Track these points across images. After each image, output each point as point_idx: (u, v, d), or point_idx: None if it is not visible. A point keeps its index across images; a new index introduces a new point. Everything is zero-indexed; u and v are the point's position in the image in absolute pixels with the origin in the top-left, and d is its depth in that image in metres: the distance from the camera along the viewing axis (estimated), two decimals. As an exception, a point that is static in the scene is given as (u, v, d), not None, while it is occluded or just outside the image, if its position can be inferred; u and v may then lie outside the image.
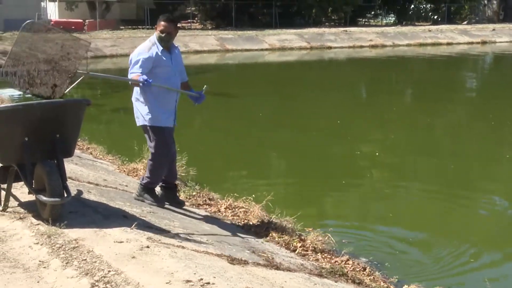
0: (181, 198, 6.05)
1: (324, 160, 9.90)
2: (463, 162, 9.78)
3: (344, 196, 8.19)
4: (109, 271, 3.61)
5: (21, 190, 5.09)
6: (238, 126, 12.87)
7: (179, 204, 5.77)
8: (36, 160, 4.47)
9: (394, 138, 11.85)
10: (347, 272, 4.79)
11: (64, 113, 4.55)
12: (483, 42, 37.24)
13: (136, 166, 7.47)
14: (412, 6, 49.67)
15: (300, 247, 5.27)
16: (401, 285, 5.04)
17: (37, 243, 4.07)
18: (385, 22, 48.06)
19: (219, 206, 6.29)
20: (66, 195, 4.41)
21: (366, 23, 47.21)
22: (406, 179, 8.90)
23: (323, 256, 5.21)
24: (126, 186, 6.38)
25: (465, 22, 47.11)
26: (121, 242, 4.08)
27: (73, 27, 34.09)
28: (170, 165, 5.52)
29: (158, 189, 5.71)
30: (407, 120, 13.73)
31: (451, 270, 5.64)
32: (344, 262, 5.13)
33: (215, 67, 27.36)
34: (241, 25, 39.47)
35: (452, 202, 7.76)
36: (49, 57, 4.69)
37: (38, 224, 4.41)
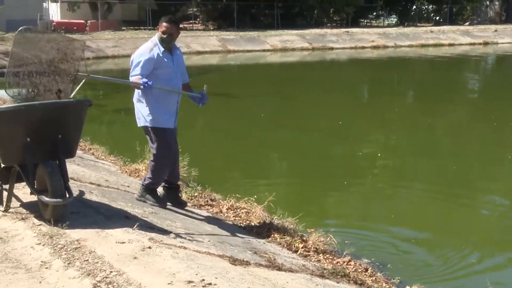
0: (183, 198, 6.05)
1: (325, 160, 9.91)
2: (465, 162, 9.76)
3: (345, 196, 8.18)
4: (111, 272, 3.61)
5: (23, 191, 5.09)
6: (239, 127, 12.88)
7: (181, 204, 5.77)
8: (38, 160, 4.47)
9: (395, 138, 11.84)
10: (349, 273, 4.79)
11: (66, 113, 4.55)
12: (485, 43, 37.16)
13: (138, 166, 7.47)
14: (414, 7, 49.58)
15: (302, 248, 5.26)
16: (403, 286, 5.04)
17: (39, 244, 4.08)
18: (387, 23, 48.01)
19: (221, 206, 6.29)
20: (68, 196, 4.41)
21: (368, 24, 47.15)
22: (407, 180, 8.89)
23: (325, 256, 5.20)
24: (128, 186, 6.38)
25: (467, 23, 47.03)
26: (123, 242, 4.08)
27: (75, 28, 34.13)
28: (172, 165, 5.51)
29: (160, 189, 5.71)
30: (409, 120, 13.71)
31: (454, 271, 5.63)
32: (346, 263, 5.13)
33: (217, 68, 27.36)
34: (243, 26, 39.47)
35: (454, 203, 7.75)
36: (47, 61, 4.68)
37: (40, 224, 4.42)
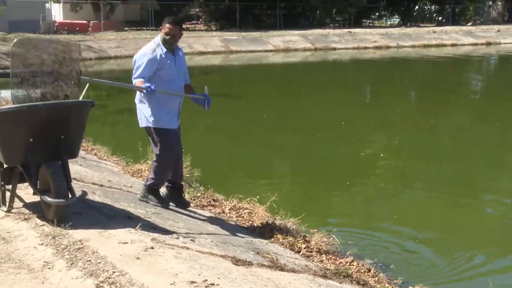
0: (186, 199, 6.05)
1: (328, 161, 9.90)
2: (468, 163, 9.74)
3: (348, 197, 8.16)
4: (113, 272, 3.61)
5: (25, 191, 5.10)
6: (242, 127, 12.87)
7: (184, 205, 5.76)
8: (40, 161, 4.47)
9: (398, 139, 11.84)
10: (352, 273, 4.78)
11: (68, 114, 4.55)
12: (488, 43, 37.14)
13: (140, 167, 7.48)
14: (416, 7, 49.59)
15: (304, 248, 5.26)
16: (405, 286, 5.03)
17: (41, 244, 4.08)
18: (389, 23, 48.03)
19: (224, 207, 6.29)
20: (70, 196, 4.42)
21: (370, 24, 47.17)
22: (410, 180, 8.88)
23: (328, 257, 5.20)
24: (131, 187, 6.38)
25: (469, 23, 46.99)
26: (125, 243, 4.08)
27: (77, 29, 34.21)
28: (176, 166, 5.51)
29: (163, 190, 5.71)
30: (411, 121, 13.70)
31: (457, 272, 5.61)
32: (348, 263, 5.13)
33: (220, 68, 27.36)
34: (245, 26, 39.51)
35: (457, 203, 7.74)
36: (48, 68, 4.68)
37: (43, 225, 4.42)
